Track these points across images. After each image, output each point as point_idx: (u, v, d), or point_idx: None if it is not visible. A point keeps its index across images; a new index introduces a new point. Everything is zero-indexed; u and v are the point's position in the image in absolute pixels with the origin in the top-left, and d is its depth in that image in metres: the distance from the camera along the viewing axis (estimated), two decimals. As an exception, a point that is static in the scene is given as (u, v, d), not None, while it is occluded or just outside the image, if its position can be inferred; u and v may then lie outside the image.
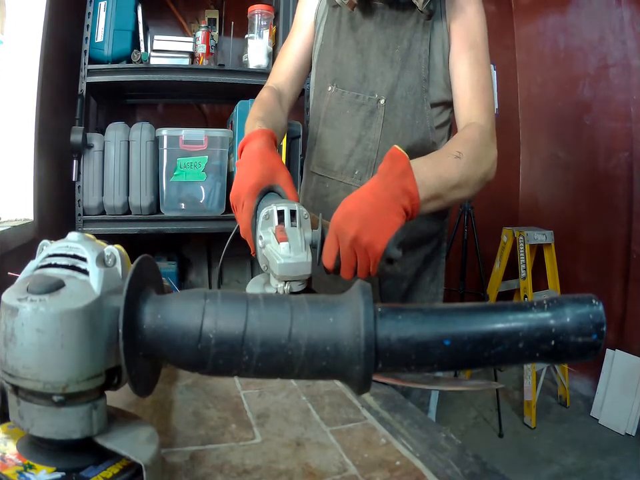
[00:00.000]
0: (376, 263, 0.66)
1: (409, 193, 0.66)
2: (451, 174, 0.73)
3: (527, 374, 2.39)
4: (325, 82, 0.96)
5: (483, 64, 0.90)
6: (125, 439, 0.33)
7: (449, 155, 0.75)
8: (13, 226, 1.22)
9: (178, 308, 0.32)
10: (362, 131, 0.92)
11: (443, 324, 0.31)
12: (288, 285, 0.63)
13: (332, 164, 0.95)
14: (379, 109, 0.90)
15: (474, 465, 0.43)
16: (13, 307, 0.30)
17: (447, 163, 0.74)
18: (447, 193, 0.72)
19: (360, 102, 0.91)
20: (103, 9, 1.68)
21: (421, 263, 0.96)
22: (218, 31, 2.12)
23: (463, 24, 0.89)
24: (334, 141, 0.95)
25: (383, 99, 0.90)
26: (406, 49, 0.89)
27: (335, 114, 0.95)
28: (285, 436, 0.47)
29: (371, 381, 0.31)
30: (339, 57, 0.95)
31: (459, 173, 0.74)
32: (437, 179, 0.71)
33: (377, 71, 0.91)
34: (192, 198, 1.74)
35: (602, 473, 1.98)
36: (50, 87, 1.50)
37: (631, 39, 2.41)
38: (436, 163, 0.74)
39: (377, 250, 0.64)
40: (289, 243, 0.61)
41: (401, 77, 0.89)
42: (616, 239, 2.50)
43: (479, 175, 0.78)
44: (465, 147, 0.78)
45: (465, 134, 0.84)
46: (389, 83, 0.90)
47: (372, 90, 0.91)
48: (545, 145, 2.98)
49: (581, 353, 0.30)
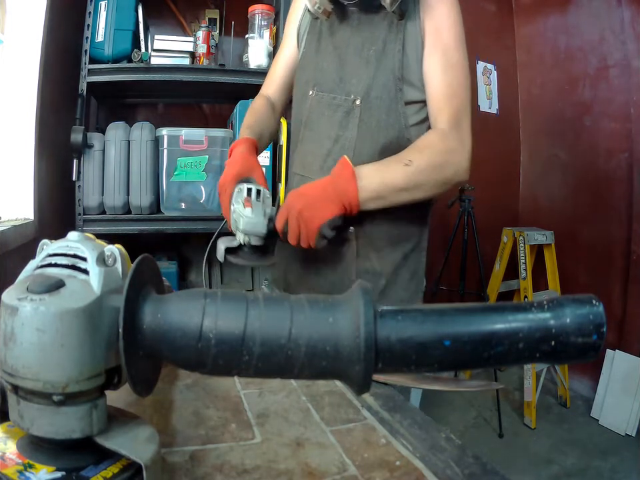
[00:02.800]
0: (313, 235, 0.83)
1: (349, 194, 0.83)
2: (396, 181, 0.85)
3: (527, 374, 2.39)
4: (307, 87, 1.01)
5: (456, 66, 0.91)
6: (124, 439, 0.33)
7: (399, 162, 0.86)
8: (13, 225, 1.22)
9: (178, 308, 0.32)
10: (339, 131, 0.96)
11: (443, 324, 0.31)
12: (248, 237, 0.83)
13: (312, 164, 1.00)
14: (355, 109, 0.94)
15: (474, 465, 0.43)
16: (13, 307, 0.30)
17: (394, 170, 0.86)
18: (391, 195, 0.86)
19: (337, 103, 0.96)
20: (103, 8, 1.68)
21: (399, 261, 0.99)
22: (218, 31, 2.12)
23: (435, 25, 0.91)
24: (313, 142, 1.00)
25: (358, 99, 0.93)
26: (380, 50, 0.92)
27: (315, 117, 0.99)
28: (284, 436, 0.47)
29: (370, 381, 0.31)
30: (319, 63, 0.99)
31: (406, 179, 0.85)
32: (380, 184, 0.85)
33: (353, 72, 0.94)
34: (192, 198, 1.74)
35: (602, 473, 1.98)
36: (50, 86, 1.50)
37: (631, 39, 2.40)
38: (382, 170, 0.86)
39: (314, 224, 0.82)
40: (252, 209, 0.83)
41: (376, 77, 0.92)
42: (616, 240, 2.50)
43: (437, 180, 0.88)
44: (418, 155, 0.87)
45: (424, 141, 0.90)
46: (365, 83, 0.93)
47: (348, 91, 0.95)
48: (545, 146, 2.98)
49: (581, 353, 0.30)
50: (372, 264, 0.97)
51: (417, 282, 1.02)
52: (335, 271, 0.98)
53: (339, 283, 0.98)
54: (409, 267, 1.00)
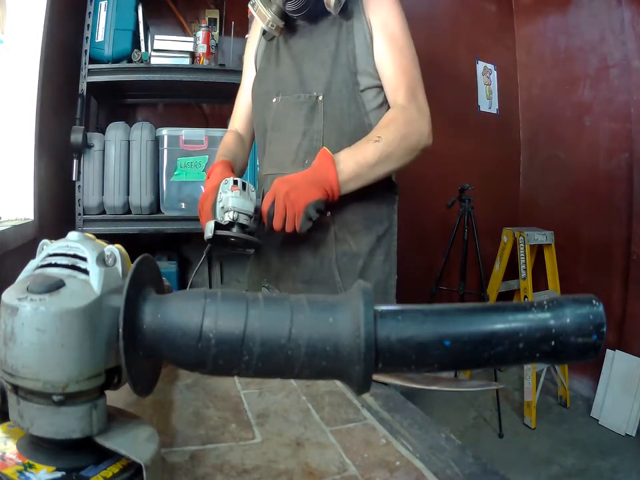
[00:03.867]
0: (299, 216, 0.88)
1: (329, 179, 0.91)
2: (369, 157, 0.94)
3: (527, 374, 2.39)
4: (268, 97, 1.08)
5: (403, 49, 1.02)
6: (124, 439, 0.33)
7: (369, 141, 0.95)
8: (13, 225, 1.22)
9: (178, 307, 0.32)
10: (306, 125, 1.03)
11: (443, 324, 0.31)
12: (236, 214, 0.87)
13: (283, 161, 1.06)
14: (319, 104, 1.02)
15: (474, 465, 0.43)
16: (13, 306, 0.30)
17: (366, 149, 0.94)
18: (367, 172, 0.94)
19: (302, 101, 1.03)
20: (103, 8, 1.68)
21: (373, 243, 1.07)
22: (218, 31, 2.12)
23: (380, 18, 1.02)
24: (282, 141, 1.06)
25: (321, 96, 1.02)
26: (334, 50, 1.02)
27: (281, 118, 1.07)
28: (284, 436, 0.47)
29: (370, 381, 0.31)
30: (279, 74, 1.08)
31: (378, 154, 0.94)
32: (355, 164, 0.93)
33: (312, 75, 1.03)
34: (192, 198, 1.74)
35: (602, 473, 1.98)
36: (50, 86, 1.50)
37: (631, 39, 2.40)
38: (356, 152, 0.95)
39: (300, 204, 0.88)
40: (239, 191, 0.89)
41: (334, 74, 1.01)
42: (616, 240, 2.50)
43: (406, 148, 0.98)
44: (385, 130, 0.97)
45: (387, 117, 1.00)
46: (324, 81, 1.02)
47: (310, 89, 1.03)
48: (545, 146, 2.98)
49: (581, 353, 0.30)
50: (350, 246, 1.04)
51: (390, 264, 1.10)
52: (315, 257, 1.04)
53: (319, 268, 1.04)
54: (383, 249, 1.08)
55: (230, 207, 0.87)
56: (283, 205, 0.88)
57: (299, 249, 1.05)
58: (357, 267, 1.05)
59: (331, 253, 1.04)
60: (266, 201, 0.91)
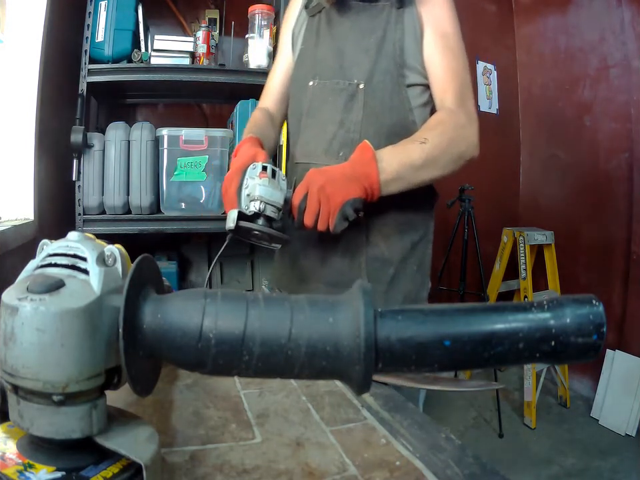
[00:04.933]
0: (334, 213, 0.79)
1: (370, 177, 0.82)
2: (414, 159, 0.85)
3: (527, 374, 2.39)
4: (306, 80, 1.01)
5: (455, 50, 0.96)
6: (124, 439, 0.33)
7: (415, 142, 0.87)
8: (13, 225, 1.22)
9: (178, 307, 0.32)
10: (344, 115, 0.96)
11: (443, 324, 0.31)
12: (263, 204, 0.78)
13: (315, 149, 0.99)
14: (359, 93, 0.95)
15: (474, 465, 0.43)
16: (13, 306, 0.30)
17: (411, 150, 0.86)
18: (411, 174, 0.86)
19: (340, 88, 0.96)
20: (103, 8, 1.68)
21: (407, 250, 0.99)
22: (218, 31, 2.12)
23: (433, 13, 0.96)
24: (317, 128, 0.99)
25: (362, 84, 0.95)
26: (380, 38, 0.95)
27: (317, 104, 0.99)
28: (284, 436, 0.47)
29: (370, 381, 0.31)
30: (318, 56, 1.01)
31: (424, 156, 0.86)
32: (399, 164, 0.85)
33: (353, 61, 0.96)
34: (192, 198, 1.74)
35: (602, 473, 1.98)
36: (50, 86, 1.50)
37: (631, 39, 2.40)
38: (400, 151, 0.87)
39: (337, 201, 0.79)
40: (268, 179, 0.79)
41: (377, 63, 0.95)
42: (616, 240, 2.50)
43: (453, 154, 0.90)
44: (432, 132, 0.89)
45: (435, 119, 0.93)
46: (366, 69, 0.95)
47: (350, 76, 0.96)
48: (545, 146, 2.98)
49: (581, 353, 0.30)
50: (381, 251, 0.96)
51: (423, 274, 1.02)
52: (344, 259, 0.97)
53: (348, 271, 0.96)
54: (417, 257, 1.00)
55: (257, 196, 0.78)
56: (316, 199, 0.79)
57: (326, 248, 0.98)
58: (388, 275, 0.97)
59: (361, 256, 0.96)
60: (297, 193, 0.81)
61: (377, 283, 0.96)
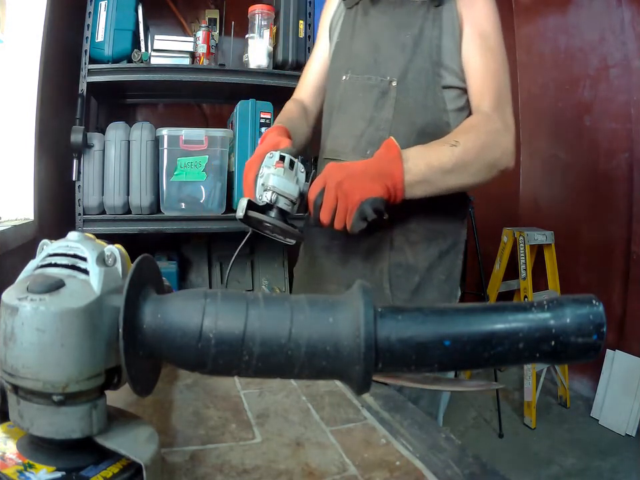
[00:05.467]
0: (352, 211, 0.74)
1: (393, 176, 0.76)
2: (443, 162, 0.80)
3: (527, 374, 2.39)
4: (340, 74, 0.98)
5: (495, 51, 0.90)
6: (124, 439, 0.33)
7: (445, 144, 0.81)
8: (13, 225, 1.22)
9: (178, 307, 0.32)
10: (374, 112, 0.92)
11: (443, 324, 0.31)
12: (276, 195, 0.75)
13: (344, 146, 0.95)
14: (391, 90, 0.91)
15: (474, 465, 0.43)
16: (13, 306, 0.30)
17: (441, 152, 0.81)
18: (438, 178, 0.80)
19: (372, 84, 0.92)
20: (103, 8, 1.68)
21: (435, 258, 0.94)
22: (218, 31, 2.12)
23: (473, 12, 0.90)
24: (346, 124, 0.96)
25: (394, 81, 0.91)
26: (417, 35, 0.90)
27: (348, 99, 0.96)
28: (284, 436, 0.47)
29: (370, 381, 0.31)
30: (353, 49, 0.97)
31: (454, 160, 0.80)
32: (426, 166, 0.79)
33: (388, 56, 0.92)
34: (192, 198, 1.74)
35: (602, 473, 1.98)
36: (50, 86, 1.50)
37: (631, 39, 2.40)
38: (429, 152, 0.81)
39: (355, 198, 0.74)
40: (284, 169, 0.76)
41: (412, 61, 0.90)
42: (616, 240, 2.50)
43: (486, 161, 0.84)
44: (465, 136, 0.83)
45: (469, 122, 0.88)
46: (400, 65, 0.91)
47: (384, 72, 0.92)
48: (545, 146, 2.98)
49: (581, 353, 0.30)
50: (406, 257, 0.92)
51: (452, 285, 0.96)
52: (366, 263, 0.93)
53: (369, 275, 0.92)
54: (445, 267, 0.95)
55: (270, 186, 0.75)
56: (334, 195, 0.75)
57: (348, 249, 0.95)
58: (412, 283, 0.92)
59: (384, 262, 0.92)
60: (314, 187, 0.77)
61: (400, 290, 0.92)
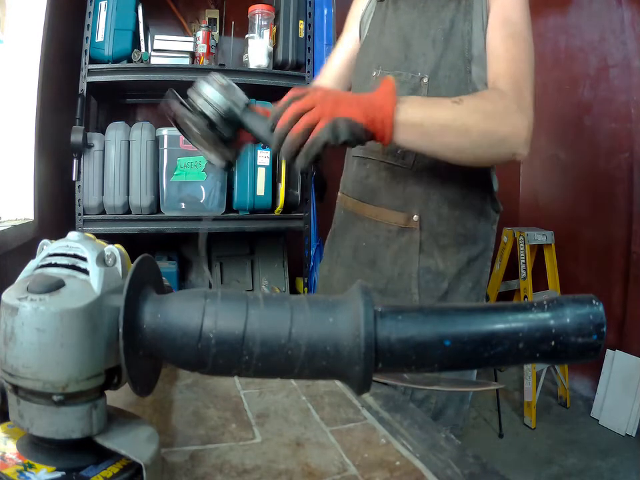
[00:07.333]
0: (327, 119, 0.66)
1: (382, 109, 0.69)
2: (441, 115, 0.74)
3: (527, 374, 2.39)
4: (369, 69, 0.96)
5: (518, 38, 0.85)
6: (124, 439, 0.33)
7: (447, 100, 0.76)
8: (13, 225, 1.22)
9: (178, 307, 0.32)
10: None
11: (443, 324, 0.31)
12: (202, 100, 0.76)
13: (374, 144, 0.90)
14: (422, 87, 0.88)
15: (474, 465, 0.43)
16: (13, 306, 0.30)
17: (441, 104, 0.75)
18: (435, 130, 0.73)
19: (403, 80, 0.90)
20: (103, 8, 1.68)
21: (463, 264, 0.91)
22: (218, 31, 2.12)
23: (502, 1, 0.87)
24: None
25: (426, 77, 0.88)
26: (448, 29, 0.88)
27: None
28: (284, 436, 0.47)
29: (370, 381, 0.31)
30: (383, 44, 0.95)
31: (453, 115, 0.74)
32: (423, 113, 0.73)
33: (419, 52, 0.90)
34: (192, 197, 1.74)
35: (602, 473, 1.98)
36: (50, 86, 1.50)
37: (631, 39, 2.40)
38: (428, 101, 0.78)
39: (326, 110, 0.66)
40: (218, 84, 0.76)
41: (444, 57, 0.87)
42: (616, 240, 2.50)
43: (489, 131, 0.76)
44: (470, 97, 0.78)
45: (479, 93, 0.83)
46: (432, 62, 0.88)
47: (414, 69, 0.90)
48: (545, 146, 2.98)
49: (581, 353, 0.30)
50: (436, 262, 0.89)
51: (478, 294, 0.93)
52: (394, 265, 0.90)
53: (397, 279, 0.90)
54: (473, 274, 0.92)
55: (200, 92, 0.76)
56: (311, 100, 0.68)
57: (376, 251, 0.92)
58: (441, 289, 0.89)
59: (413, 265, 0.89)
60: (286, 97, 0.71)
61: (428, 296, 0.89)
